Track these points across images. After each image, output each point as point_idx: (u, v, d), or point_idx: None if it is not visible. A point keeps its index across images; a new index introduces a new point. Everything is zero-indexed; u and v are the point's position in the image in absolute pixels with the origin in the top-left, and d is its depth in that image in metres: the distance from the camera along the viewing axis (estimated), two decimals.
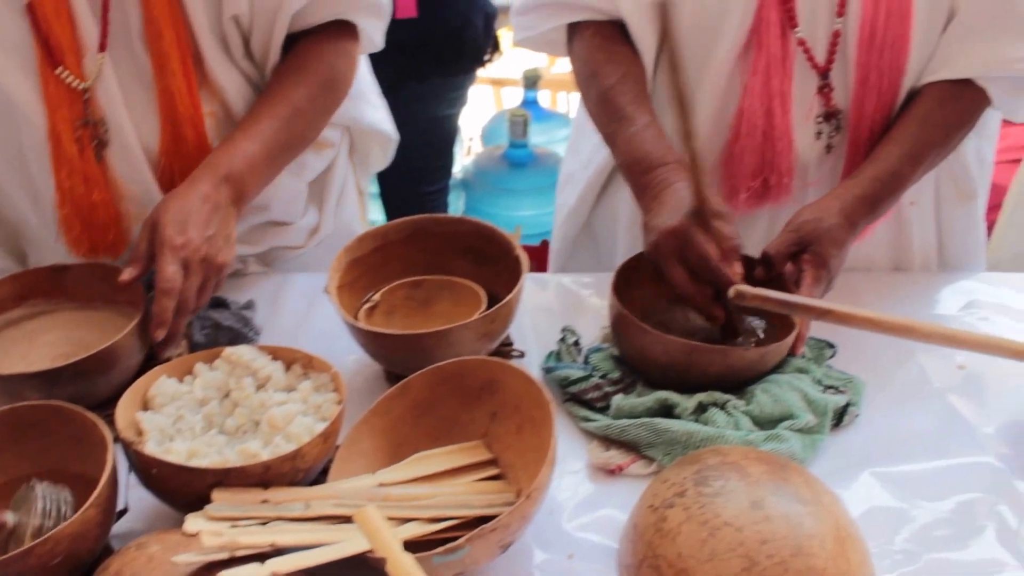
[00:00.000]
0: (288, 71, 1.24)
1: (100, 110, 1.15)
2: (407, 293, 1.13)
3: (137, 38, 1.15)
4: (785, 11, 1.23)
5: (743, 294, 0.96)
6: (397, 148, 2.36)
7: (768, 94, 1.24)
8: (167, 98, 1.17)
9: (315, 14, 1.23)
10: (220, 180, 1.11)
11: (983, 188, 1.44)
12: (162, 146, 1.20)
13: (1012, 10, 1.22)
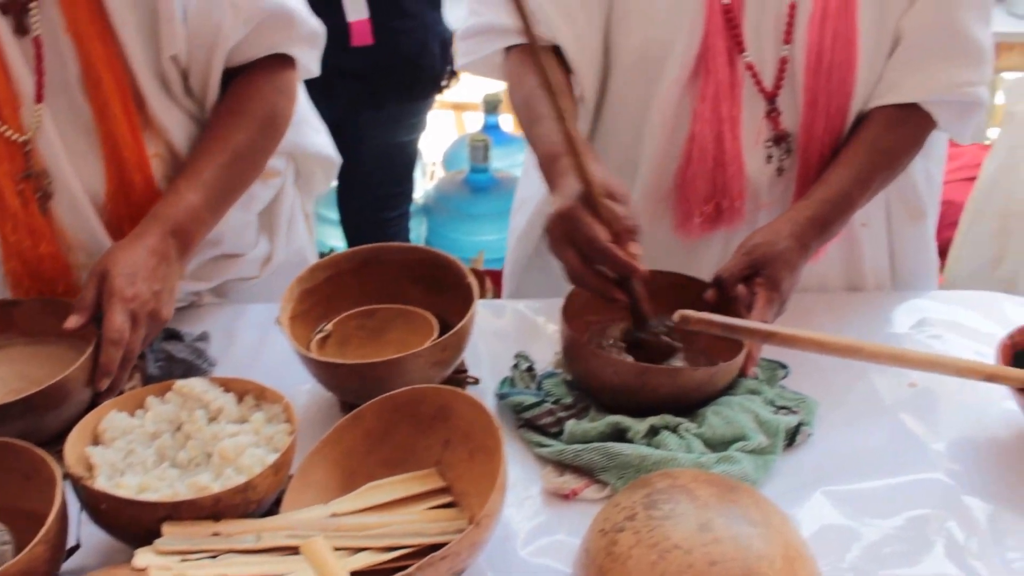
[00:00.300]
0: (228, 113, 1.24)
1: (42, 162, 1.15)
2: (360, 322, 1.14)
3: (76, 86, 1.15)
4: (732, 37, 1.26)
5: (687, 319, 0.98)
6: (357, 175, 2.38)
7: (718, 119, 1.27)
8: (111, 144, 1.17)
9: (251, 49, 1.24)
10: (167, 234, 1.12)
11: (932, 208, 1.48)
12: (108, 193, 1.20)
13: (955, 36, 1.26)
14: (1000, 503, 1.03)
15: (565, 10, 1.28)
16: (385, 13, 2.12)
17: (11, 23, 1.11)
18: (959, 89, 1.26)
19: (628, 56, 1.31)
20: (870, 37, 1.26)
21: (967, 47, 1.26)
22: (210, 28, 1.18)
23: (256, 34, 1.22)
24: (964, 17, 1.25)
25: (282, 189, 1.44)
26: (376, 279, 1.18)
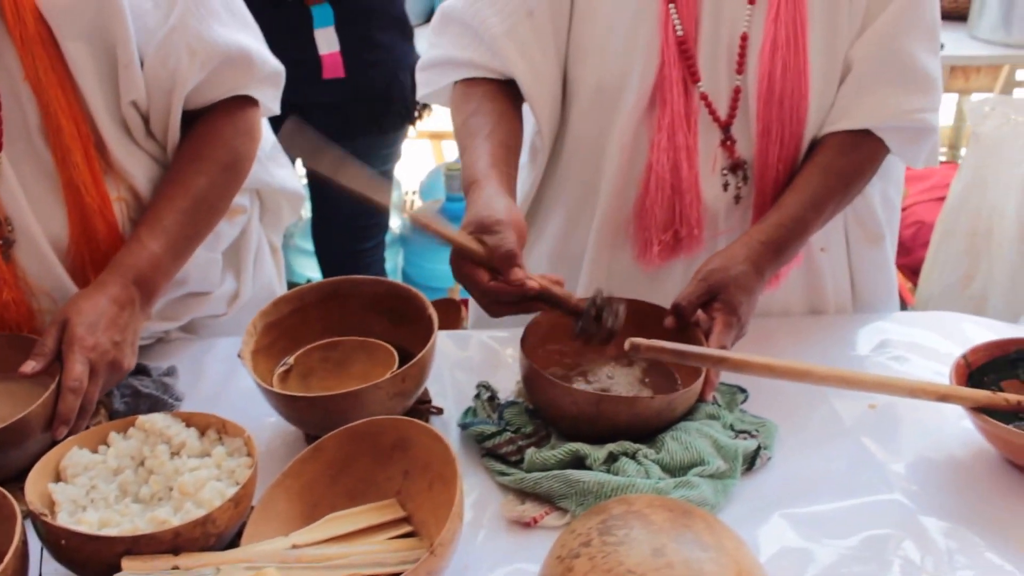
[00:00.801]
0: (188, 158, 1.26)
1: (3, 209, 1.17)
2: (323, 355, 1.17)
3: (36, 132, 1.17)
4: (687, 68, 1.30)
5: (637, 347, 1.01)
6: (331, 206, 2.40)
7: (674, 149, 1.31)
8: (72, 190, 1.19)
9: (211, 92, 1.26)
10: (128, 283, 1.15)
11: (891, 230, 1.52)
12: (71, 238, 1.21)
13: (903, 64, 1.30)
14: (956, 522, 1.06)
15: (520, 45, 1.32)
16: (356, 46, 2.16)
17: None
18: (908, 116, 1.30)
19: (586, 88, 1.35)
20: (820, 66, 1.30)
21: (915, 75, 1.31)
22: (167, 73, 1.21)
23: (215, 76, 1.25)
24: (911, 46, 1.30)
25: (248, 225, 1.46)
26: (340, 312, 1.21)
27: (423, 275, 3.15)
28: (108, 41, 1.17)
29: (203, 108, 1.28)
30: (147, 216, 1.22)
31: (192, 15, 1.21)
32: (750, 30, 1.29)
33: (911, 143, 1.34)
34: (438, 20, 1.40)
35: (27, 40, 1.13)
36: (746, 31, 1.29)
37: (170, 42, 1.20)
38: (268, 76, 1.31)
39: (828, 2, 1.29)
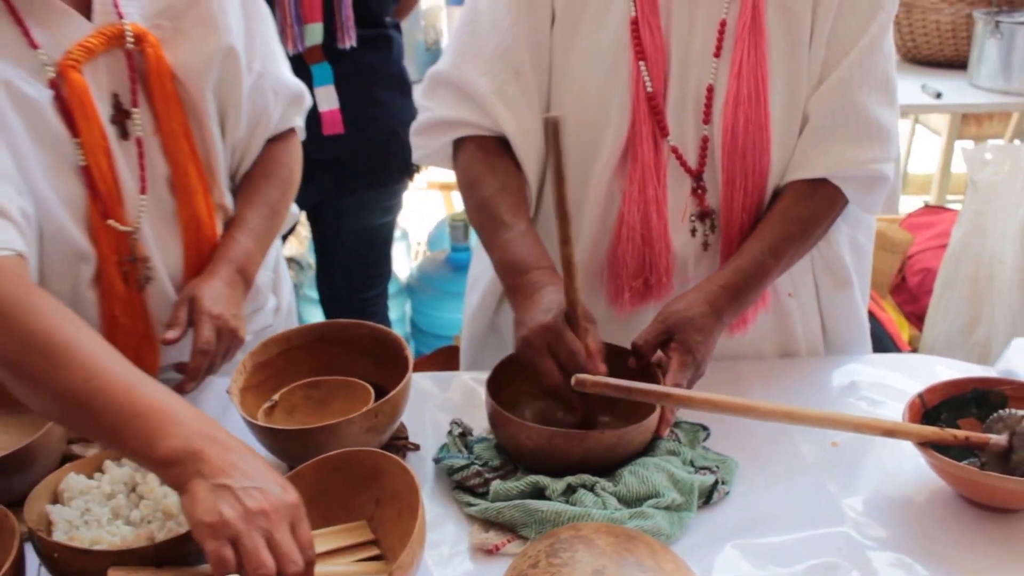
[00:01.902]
0: (262, 175, 1.52)
1: (144, 249, 1.36)
2: (306, 393, 1.29)
3: (161, 180, 1.37)
4: (656, 123, 1.42)
5: (583, 382, 1.12)
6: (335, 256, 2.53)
7: (644, 200, 1.42)
8: (192, 230, 1.40)
9: (279, 125, 1.53)
10: (235, 271, 1.40)
11: (861, 275, 1.61)
12: (186, 272, 1.41)
13: (857, 117, 1.42)
14: (905, 554, 1.14)
15: (508, 103, 1.44)
16: (355, 103, 2.30)
17: (117, 131, 1.33)
18: (862, 165, 1.41)
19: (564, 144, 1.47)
20: (781, 119, 1.42)
21: (868, 127, 1.42)
22: (256, 112, 1.45)
23: (284, 113, 1.52)
24: (864, 99, 1.41)
25: (277, 244, 1.65)
26: (325, 354, 1.33)
27: (431, 323, 3.27)
28: (226, 90, 1.41)
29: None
30: (237, 220, 1.47)
31: (270, 61, 1.48)
32: (715, 82, 1.41)
33: (866, 191, 1.45)
34: (428, 84, 1.53)
35: (166, 98, 1.35)
36: (711, 83, 1.41)
37: (259, 86, 1.45)
38: (305, 108, 1.60)
39: (788, 58, 1.41)
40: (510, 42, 1.44)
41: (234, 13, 1.40)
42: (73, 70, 1.26)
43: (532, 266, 1.31)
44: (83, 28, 1.29)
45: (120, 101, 1.33)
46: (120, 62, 1.32)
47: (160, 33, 1.34)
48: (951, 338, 2.75)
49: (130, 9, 1.33)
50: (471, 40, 1.48)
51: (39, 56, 1.26)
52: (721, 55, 1.40)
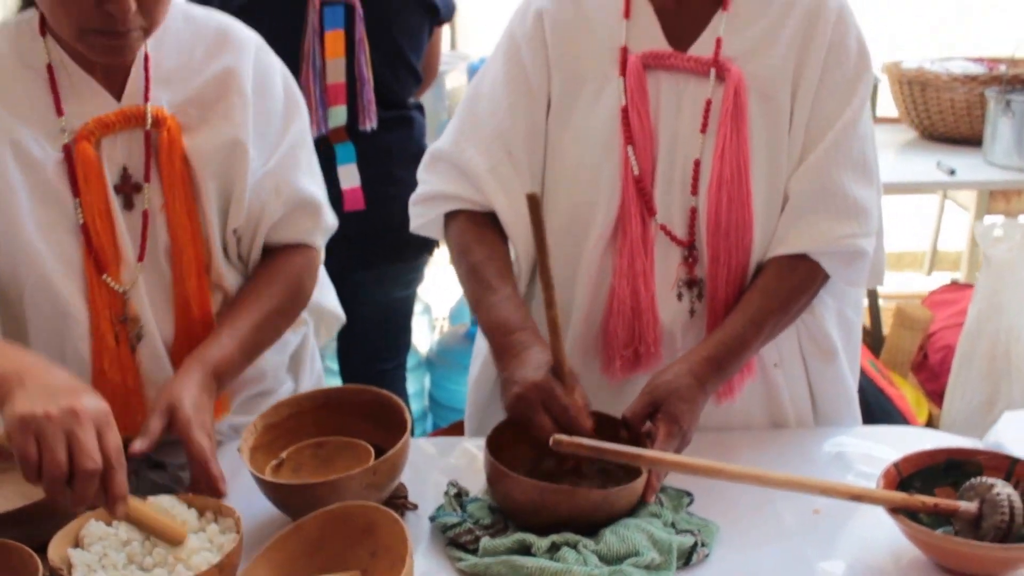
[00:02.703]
0: (265, 280, 1.59)
1: (135, 310, 1.49)
2: (312, 452, 1.42)
3: (163, 252, 1.51)
4: (644, 203, 1.56)
5: (559, 443, 1.23)
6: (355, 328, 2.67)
7: (633, 274, 1.55)
8: (183, 302, 1.52)
9: (288, 232, 1.61)
10: (210, 374, 1.44)
11: (849, 348, 1.71)
12: (176, 340, 1.53)
13: (834, 194, 1.54)
14: None
15: (501, 181, 1.59)
16: (376, 181, 2.46)
17: (123, 201, 1.48)
18: (840, 241, 1.53)
19: (558, 220, 1.62)
20: (763, 198, 1.55)
21: (846, 204, 1.54)
22: (259, 205, 1.55)
23: (292, 217, 1.60)
24: (842, 178, 1.54)
25: (307, 335, 1.77)
26: (332, 417, 1.46)
27: (449, 397, 3.39)
28: (230, 179, 1.53)
29: (279, 245, 1.62)
30: (226, 320, 1.53)
31: (284, 164, 1.58)
32: (701, 157, 1.54)
33: (846, 265, 1.56)
34: (428, 160, 1.69)
35: (172, 178, 1.48)
36: (698, 158, 1.55)
37: (264, 182, 1.55)
38: (328, 229, 1.68)
39: (769, 141, 1.55)
40: (507, 125, 1.60)
41: (254, 112, 1.53)
42: (86, 140, 1.44)
43: (517, 327, 1.44)
44: (109, 106, 1.47)
45: (129, 174, 1.49)
46: (138, 140, 1.48)
47: (185, 119, 1.50)
48: (970, 416, 2.81)
49: (160, 94, 1.49)
50: (470, 120, 1.64)
51: (60, 123, 1.44)
52: (707, 131, 1.54)
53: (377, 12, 2.44)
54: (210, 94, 1.52)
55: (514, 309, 1.49)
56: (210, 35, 1.55)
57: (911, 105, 3.35)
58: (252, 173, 1.53)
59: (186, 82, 1.52)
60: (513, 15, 1.68)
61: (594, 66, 1.59)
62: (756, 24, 1.56)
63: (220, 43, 1.55)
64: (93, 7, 1.33)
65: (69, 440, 1.09)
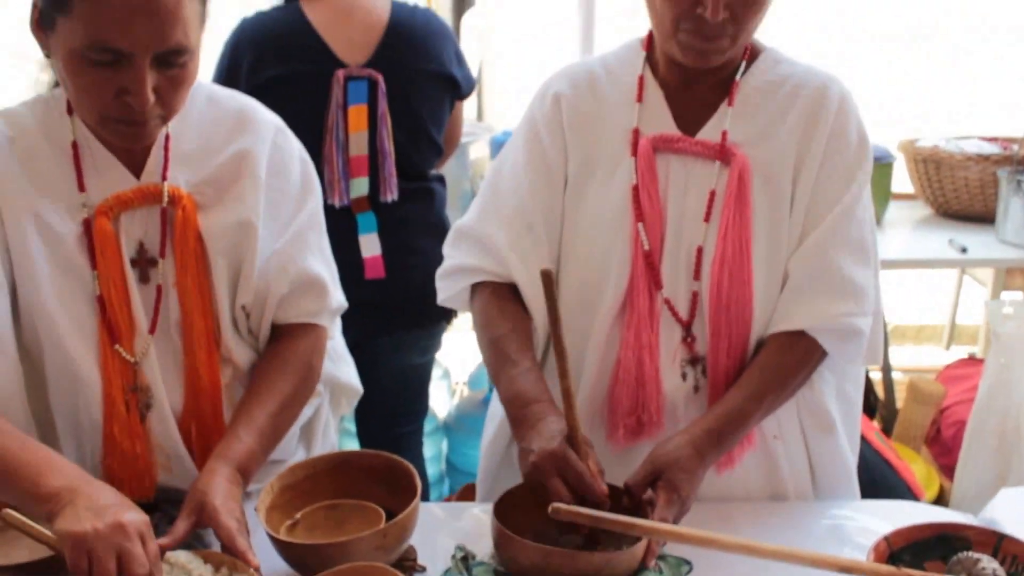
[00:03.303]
0: (276, 367, 1.65)
1: (146, 379, 1.57)
2: (326, 513, 1.50)
3: (174, 325, 1.59)
4: (652, 277, 1.65)
5: (558, 511, 1.31)
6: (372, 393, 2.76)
7: (639, 346, 1.64)
8: (192, 374, 1.60)
9: (294, 310, 1.68)
10: (234, 471, 1.50)
11: (848, 422, 1.79)
12: (185, 409, 1.61)
13: (832, 275, 1.63)
14: None
15: (521, 255, 1.69)
16: (396, 250, 2.56)
17: (138, 274, 1.57)
18: (837, 319, 1.61)
19: (572, 293, 1.72)
20: (764, 277, 1.64)
21: (842, 284, 1.62)
22: (265, 283, 1.63)
23: (298, 296, 1.67)
24: (840, 259, 1.63)
25: (320, 407, 1.85)
26: (345, 479, 1.54)
27: (466, 462, 3.45)
28: (240, 257, 1.61)
29: (288, 325, 1.69)
30: (241, 414, 1.59)
31: (293, 244, 1.66)
32: (704, 244, 1.64)
33: (842, 343, 1.64)
34: (453, 236, 1.80)
35: (185, 255, 1.56)
36: (701, 245, 1.65)
37: (272, 260, 1.63)
38: (335, 310, 1.75)
39: (770, 222, 1.64)
40: (527, 203, 1.71)
41: (268, 193, 1.62)
42: (104, 216, 1.53)
43: (534, 399, 1.53)
44: (128, 182, 1.56)
45: (146, 249, 1.57)
46: (155, 216, 1.57)
47: (201, 198, 1.59)
48: (981, 491, 2.85)
49: (179, 173, 1.58)
50: (493, 198, 1.76)
51: (81, 198, 1.54)
52: (710, 220, 1.64)
53: (399, 87, 2.56)
54: (226, 175, 1.61)
55: (533, 382, 1.57)
56: (230, 117, 1.64)
57: (926, 182, 3.44)
58: (262, 252, 1.61)
59: (204, 162, 1.60)
60: (533, 98, 1.80)
61: (608, 147, 1.70)
62: (760, 114, 1.67)
63: (239, 126, 1.64)
64: (113, 98, 1.41)
65: (119, 552, 1.27)
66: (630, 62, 1.74)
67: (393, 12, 2.60)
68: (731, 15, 1.54)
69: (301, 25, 2.54)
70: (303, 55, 2.53)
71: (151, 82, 1.41)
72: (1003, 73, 4.37)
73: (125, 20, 1.36)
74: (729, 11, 1.53)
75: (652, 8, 1.62)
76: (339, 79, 2.52)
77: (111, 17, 1.35)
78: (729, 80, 1.68)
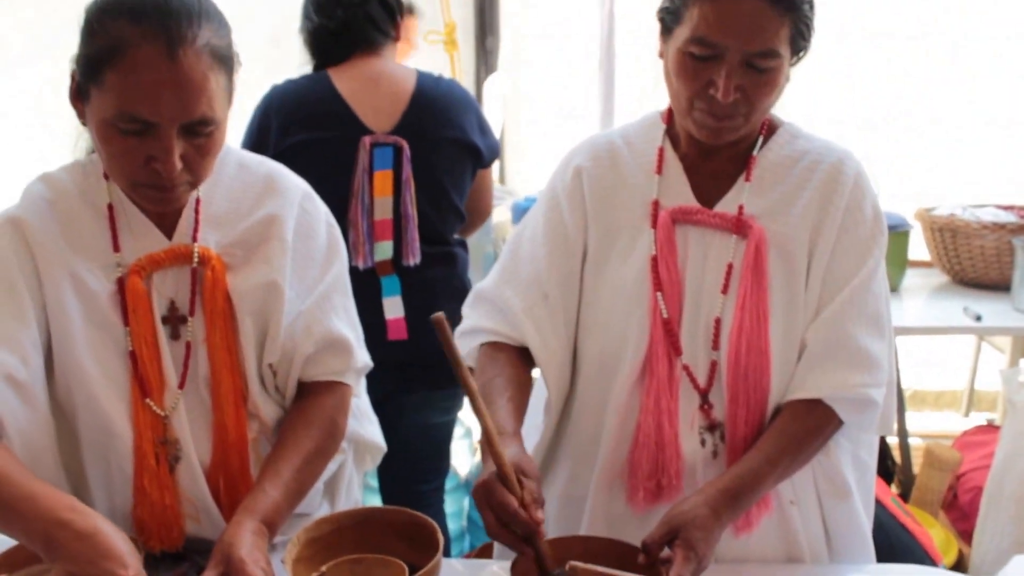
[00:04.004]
0: (301, 424, 1.70)
1: (175, 433, 1.63)
2: (350, 567, 1.54)
3: (203, 382, 1.65)
4: (671, 344, 1.71)
5: (576, 570, 1.36)
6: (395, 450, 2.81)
7: (659, 411, 1.69)
8: (220, 427, 1.66)
9: (319, 368, 1.74)
10: (260, 524, 1.54)
11: (863, 488, 1.83)
12: (213, 462, 1.67)
13: (847, 346, 1.68)
14: None
15: (535, 322, 1.77)
16: (419, 312, 2.62)
17: (169, 331, 1.64)
18: (852, 390, 1.67)
19: (590, 360, 1.78)
20: (779, 346, 1.69)
21: (858, 356, 1.68)
22: (292, 344, 1.70)
23: (322, 355, 1.73)
24: (855, 331, 1.68)
25: (344, 463, 1.90)
26: (369, 534, 1.59)
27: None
28: (267, 317, 1.68)
29: (313, 382, 1.76)
30: (268, 469, 1.64)
31: (318, 307, 1.72)
32: (722, 315, 1.71)
33: (857, 413, 1.69)
34: (472, 298, 1.88)
35: (214, 313, 1.63)
36: (719, 316, 1.71)
37: (298, 321, 1.69)
38: (360, 369, 1.81)
39: (786, 292, 1.70)
40: (543, 271, 1.79)
41: (295, 255, 1.69)
42: (136, 275, 1.60)
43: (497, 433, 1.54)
44: (160, 243, 1.64)
45: (176, 307, 1.64)
46: (185, 276, 1.65)
47: (230, 260, 1.66)
48: (999, 556, 2.86)
49: (209, 235, 1.66)
50: (511, 265, 1.84)
51: (116, 258, 1.62)
52: (728, 292, 1.70)
53: (423, 154, 2.65)
54: (254, 237, 1.68)
55: (502, 417, 1.63)
56: (259, 182, 1.72)
57: (942, 251, 3.49)
58: (288, 313, 1.67)
59: (233, 225, 1.68)
60: (556, 170, 1.88)
61: (628, 219, 1.77)
62: (777, 188, 1.74)
63: (268, 190, 1.71)
64: (142, 164, 1.49)
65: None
66: (650, 135, 1.82)
67: (418, 82, 2.71)
68: (743, 96, 1.62)
69: (329, 93, 2.65)
70: (330, 122, 2.63)
71: (178, 150, 1.48)
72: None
73: (153, 93, 1.44)
74: (741, 92, 1.61)
75: (670, 85, 1.70)
76: (365, 145, 2.62)
77: (140, 90, 1.44)
78: (746, 154, 1.76)
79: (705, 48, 1.59)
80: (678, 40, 1.63)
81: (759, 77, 1.61)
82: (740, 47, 1.58)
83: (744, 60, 1.59)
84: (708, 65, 1.60)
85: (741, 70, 1.60)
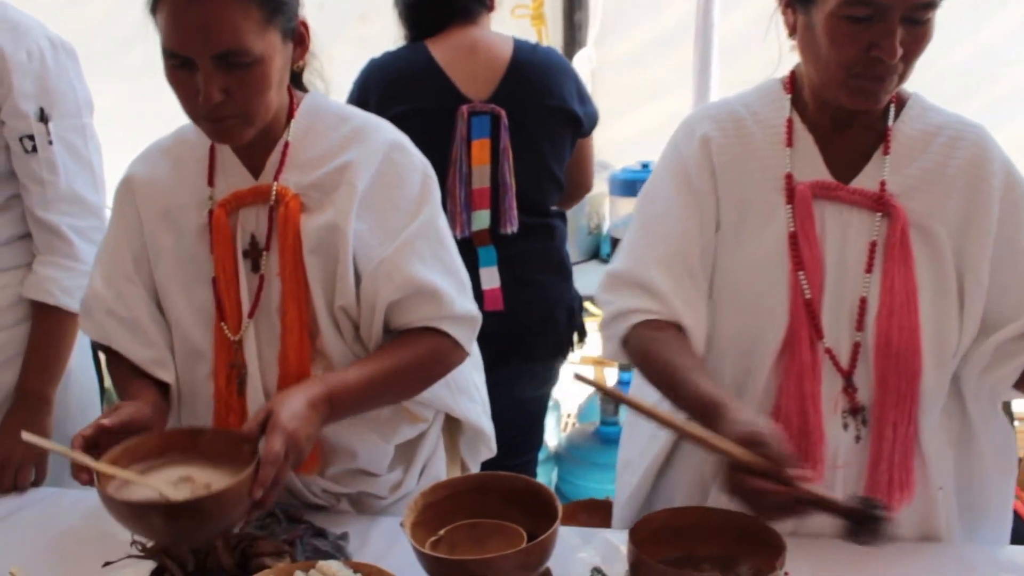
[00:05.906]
0: (399, 344, 1.72)
1: (243, 357, 1.71)
2: (467, 532, 1.52)
3: (274, 311, 1.71)
4: (813, 326, 1.63)
5: None
6: None
7: (801, 396, 1.61)
8: (285, 355, 1.70)
9: (407, 316, 1.72)
10: (325, 398, 1.56)
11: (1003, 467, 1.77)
12: (278, 389, 1.70)
13: None
14: None
15: (686, 301, 1.66)
16: (516, 283, 2.60)
17: (250, 264, 1.72)
18: None
19: (728, 339, 1.69)
20: (929, 329, 1.61)
21: None
22: (373, 291, 1.70)
23: (408, 303, 1.71)
24: None
25: (427, 432, 1.89)
26: (484, 500, 1.57)
27: (576, 491, 3.48)
28: (331, 258, 1.70)
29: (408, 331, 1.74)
30: (357, 362, 1.69)
31: (401, 253, 1.70)
32: (868, 294, 1.63)
33: None
34: (609, 282, 1.74)
35: (286, 249, 1.69)
36: (864, 295, 1.63)
37: (379, 268, 1.69)
38: (459, 317, 1.74)
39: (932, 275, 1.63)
40: (685, 246, 1.69)
41: (377, 203, 1.71)
42: (222, 210, 1.71)
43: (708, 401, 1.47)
44: (247, 182, 1.73)
45: (256, 241, 1.73)
46: (265, 212, 1.72)
47: (307, 200, 1.71)
48: None
49: (290, 177, 1.72)
50: (646, 241, 1.72)
51: (208, 192, 1.74)
52: (872, 271, 1.63)
53: (521, 123, 2.62)
54: (330, 182, 1.71)
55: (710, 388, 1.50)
56: (349, 132, 1.76)
57: None
58: (366, 259, 1.69)
59: (315, 169, 1.72)
60: (677, 140, 1.77)
61: (759, 193, 1.68)
62: (915, 164, 1.65)
63: (353, 139, 1.75)
64: (193, 99, 1.58)
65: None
66: (774, 105, 1.72)
67: (515, 49, 2.67)
68: (903, 53, 1.53)
69: (427, 63, 2.63)
70: (428, 91, 2.61)
71: (218, 83, 1.55)
72: None
73: (178, 28, 1.54)
74: (903, 48, 1.53)
75: (813, 55, 1.60)
76: (463, 114, 2.59)
77: (169, 28, 1.55)
78: (879, 125, 1.67)
79: (866, 8, 1.51)
80: (827, 6, 1.54)
81: (917, 30, 1.53)
82: (904, 1, 1.50)
83: (905, 15, 1.51)
84: (867, 26, 1.52)
85: (902, 26, 1.52)
